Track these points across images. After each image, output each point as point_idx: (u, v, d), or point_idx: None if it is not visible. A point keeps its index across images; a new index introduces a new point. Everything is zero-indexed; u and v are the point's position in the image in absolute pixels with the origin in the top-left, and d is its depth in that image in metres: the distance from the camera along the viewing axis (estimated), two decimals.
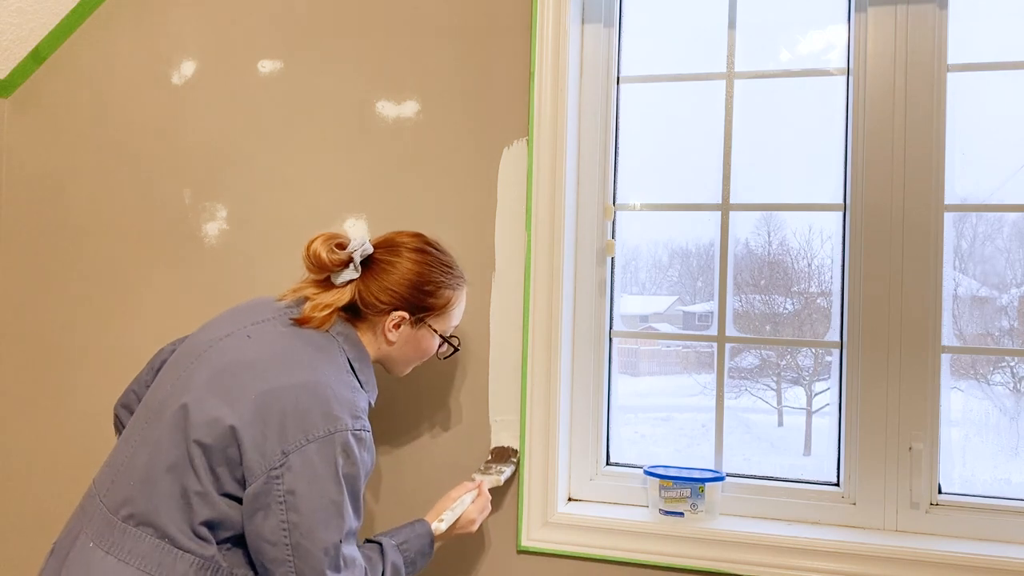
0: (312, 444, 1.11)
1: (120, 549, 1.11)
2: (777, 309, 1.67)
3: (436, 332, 1.36)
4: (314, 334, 1.24)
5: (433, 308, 1.33)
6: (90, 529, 1.15)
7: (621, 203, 1.70)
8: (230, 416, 1.12)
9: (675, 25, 1.71)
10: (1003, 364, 1.56)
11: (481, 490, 1.44)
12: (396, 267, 1.30)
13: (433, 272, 1.32)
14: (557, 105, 1.57)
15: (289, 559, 1.10)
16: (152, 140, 1.82)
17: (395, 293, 1.29)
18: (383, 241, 1.34)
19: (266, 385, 1.14)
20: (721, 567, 1.47)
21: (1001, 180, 1.53)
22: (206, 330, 1.28)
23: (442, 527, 1.36)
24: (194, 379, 1.17)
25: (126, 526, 1.12)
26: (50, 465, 1.85)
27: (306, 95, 1.72)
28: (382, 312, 1.29)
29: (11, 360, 1.90)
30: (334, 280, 1.28)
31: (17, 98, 1.92)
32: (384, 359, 1.35)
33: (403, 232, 1.36)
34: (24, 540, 1.87)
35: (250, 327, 1.24)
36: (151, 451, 1.14)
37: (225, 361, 1.18)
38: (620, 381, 1.71)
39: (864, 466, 1.52)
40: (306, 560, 1.10)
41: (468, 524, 1.40)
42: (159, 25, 1.82)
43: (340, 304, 1.27)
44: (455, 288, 1.35)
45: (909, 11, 1.52)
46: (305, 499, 1.10)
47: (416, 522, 1.35)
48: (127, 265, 1.82)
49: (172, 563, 1.10)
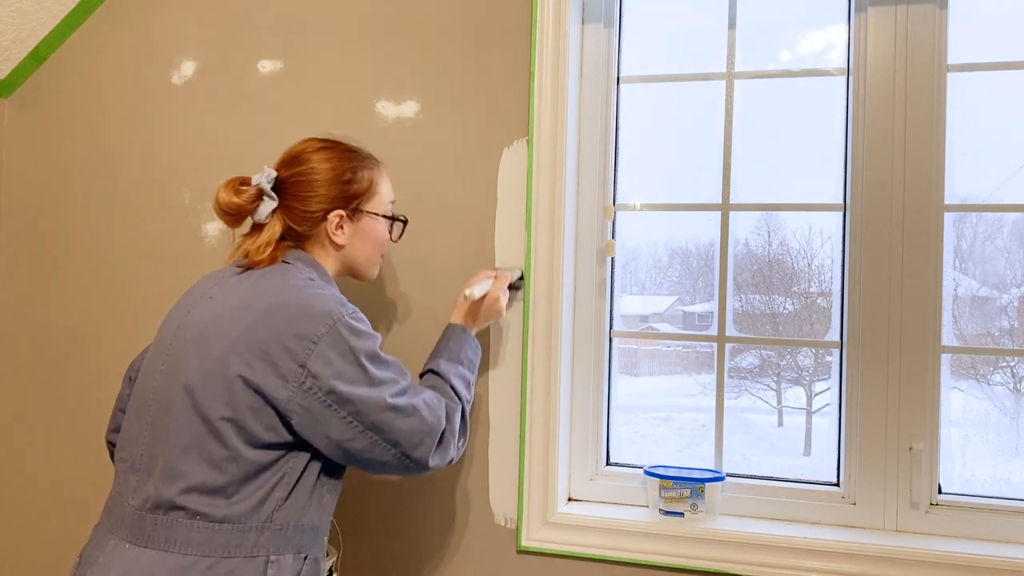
0: (320, 344, 1.13)
1: (156, 540, 1.11)
2: (777, 309, 1.67)
3: (378, 215, 1.34)
4: (268, 270, 1.23)
5: (360, 193, 1.31)
6: (121, 531, 1.15)
7: (621, 203, 1.70)
8: (233, 367, 1.12)
9: (675, 25, 1.71)
10: (1003, 364, 1.56)
11: (499, 276, 1.49)
12: (308, 173, 1.28)
13: (344, 161, 1.30)
14: (557, 105, 1.57)
15: (374, 438, 1.15)
16: (152, 140, 1.82)
17: (320, 196, 1.27)
18: (283, 160, 1.31)
19: (247, 323, 1.14)
20: (721, 567, 1.47)
21: (1001, 180, 1.53)
22: (168, 321, 1.27)
23: (476, 293, 1.41)
24: (181, 359, 1.17)
25: (156, 516, 1.12)
26: (49, 465, 1.85)
27: (306, 95, 1.72)
28: (318, 221, 1.28)
29: (11, 360, 1.90)
30: (258, 219, 1.27)
31: (17, 98, 1.92)
32: (347, 266, 1.34)
33: (295, 144, 1.33)
34: (24, 540, 1.87)
35: (208, 292, 1.25)
36: (167, 441, 1.14)
37: (200, 327, 1.18)
38: (620, 381, 1.71)
39: (864, 466, 1.52)
40: (387, 430, 1.15)
41: (494, 303, 1.46)
42: (159, 25, 1.82)
43: (276, 235, 1.26)
44: (371, 167, 1.34)
45: (909, 11, 1.52)
46: (345, 389, 1.13)
47: (445, 330, 1.41)
48: (127, 265, 1.82)
49: (211, 537, 1.11)
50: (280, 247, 1.27)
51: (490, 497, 1.60)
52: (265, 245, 1.25)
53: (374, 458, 1.17)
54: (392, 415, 1.16)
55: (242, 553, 1.12)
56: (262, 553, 1.13)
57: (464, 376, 1.35)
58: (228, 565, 1.10)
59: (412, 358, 1.64)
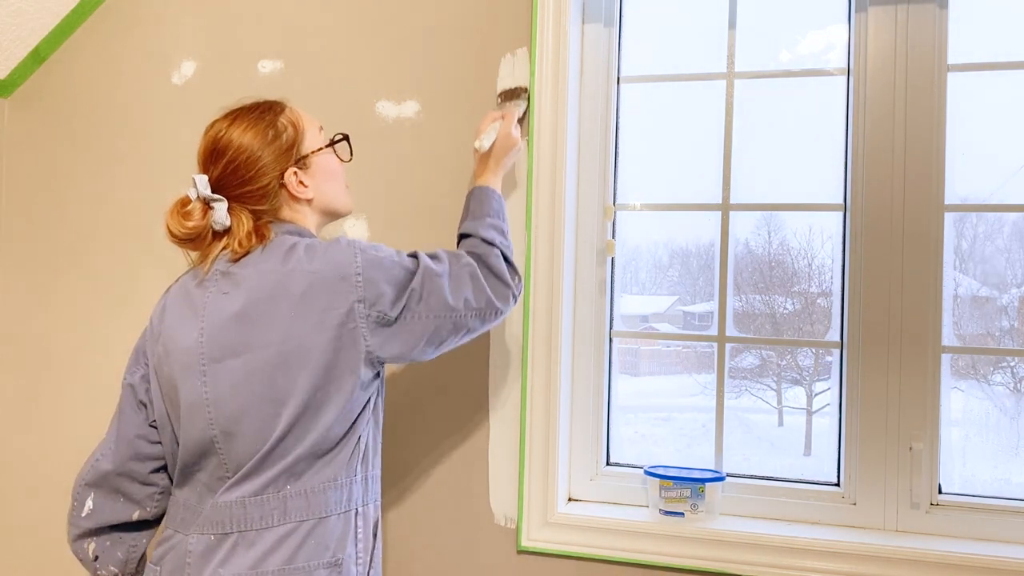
0: (362, 273, 1.19)
1: (253, 522, 1.16)
2: (777, 309, 1.67)
3: (320, 150, 1.30)
4: (264, 251, 1.21)
5: (294, 142, 1.27)
6: (207, 527, 1.18)
7: (621, 203, 1.70)
8: (306, 340, 1.16)
9: (675, 25, 1.71)
10: (1003, 364, 1.56)
11: (506, 116, 1.49)
12: (238, 155, 1.23)
13: (259, 123, 1.25)
14: (557, 105, 1.57)
15: (450, 317, 1.25)
16: (152, 140, 1.82)
17: (263, 167, 1.23)
18: (203, 159, 1.26)
19: (293, 291, 1.17)
20: (721, 567, 1.47)
21: (1001, 180, 1.53)
22: (175, 338, 1.23)
23: (486, 143, 1.43)
24: (224, 365, 1.18)
25: (263, 498, 1.17)
26: (49, 465, 1.85)
27: (306, 95, 1.72)
28: (276, 188, 1.25)
29: (10, 360, 1.90)
30: (220, 224, 1.22)
31: (17, 98, 1.92)
32: (322, 211, 1.32)
33: (202, 140, 1.27)
34: (24, 541, 1.87)
35: (210, 294, 1.21)
36: (248, 446, 1.18)
37: (234, 324, 1.18)
38: (620, 381, 1.71)
39: (864, 466, 1.52)
40: (448, 297, 1.24)
41: (507, 139, 1.46)
42: (159, 25, 1.82)
43: (250, 225, 1.22)
44: (283, 111, 1.29)
45: (909, 11, 1.52)
46: (399, 291, 1.21)
47: (467, 195, 1.43)
48: (127, 265, 1.82)
49: (307, 503, 1.18)
50: (262, 230, 1.24)
51: (490, 497, 1.60)
52: (247, 238, 1.22)
53: (456, 330, 1.27)
54: (440, 282, 1.24)
55: (339, 509, 1.20)
56: (352, 507, 1.22)
57: (493, 225, 1.37)
58: (327, 525, 1.19)
59: None
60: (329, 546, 1.18)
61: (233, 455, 1.18)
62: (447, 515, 1.62)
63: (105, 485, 1.29)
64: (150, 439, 1.30)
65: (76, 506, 1.29)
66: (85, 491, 1.29)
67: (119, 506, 1.29)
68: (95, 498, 1.28)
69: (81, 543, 1.29)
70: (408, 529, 1.64)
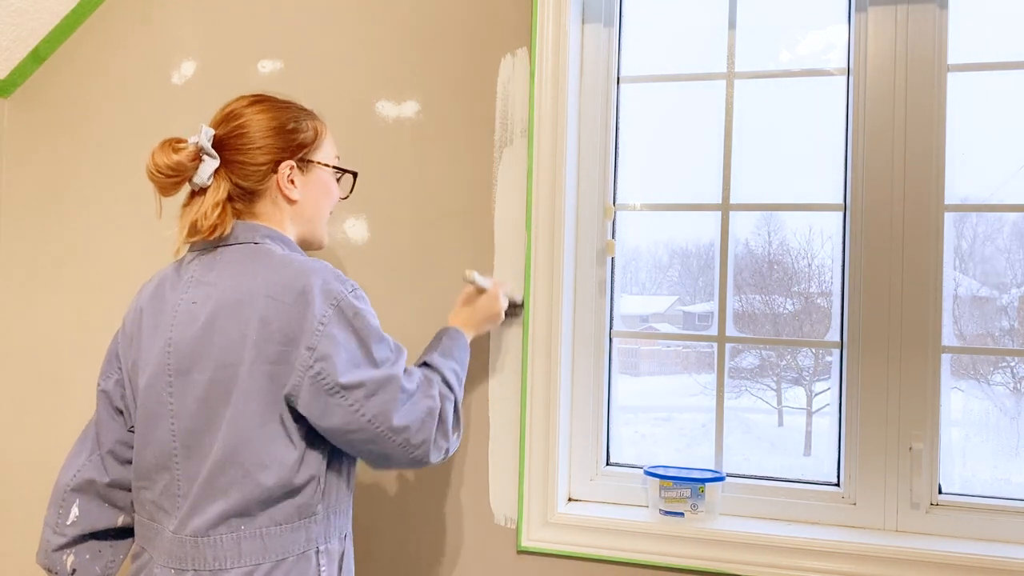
0: (328, 326, 1.10)
1: (203, 561, 1.10)
2: (777, 309, 1.67)
3: (328, 166, 1.27)
4: (235, 254, 1.16)
5: (308, 143, 1.23)
6: (165, 559, 1.12)
7: (621, 203, 1.70)
8: (253, 366, 1.09)
9: (675, 25, 1.71)
10: (1003, 364, 1.56)
11: (499, 284, 1.49)
12: (250, 126, 1.19)
13: (283, 112, 1.23)
14: (557, 105, 1.57)
15: (378, 428, 1.12)
16: (152, 140, 1.81)
17: (266, 147, 1.19)
18: (218, 119, 1.21)
19: (253, 317, 1.09)
20: (721, 567, 1.47)
21: (1001, 180, 1.53)
22: (146, 339, 1.18)
23: (479, 281, 1.44)
24: (190, 376, 1.12)
25: (199, 539, 1.10)
26: (48, 465, 1.85)
27: (306, 95, 1.72)
28: (267, 174, 1.19)
29: (10, 360, 1.90)
30: (199, 181, 1.16)
31: (17, 98, 1.92)
32: (302, 223, 1.26)
33: (228, 103, 1.23)
34: (24, 541, 1.87)
35: (183, 298, 1.16)
36: (206, 463, 1.11)
37: (199, 337, 1.12)
38: (620, 381, 1.71)
39: (864, 466, 1.52)
40: (389, 414, 1.12)
41: (493, 301, 1.45)
42: (159, 25, 1.82)
43: (223, 197, 1.16)
44: (313, 118, 1.27)
45: (909, 11, 1.52)
46: (352, 375, 1.10)
47: (439, 331, 1.39)
48: (127, 265, 1.82)
49: (263, 544, 1.11)
50: (228, 211, 1.17)
51: (490, 497, 1.60)
52: (212, 207, 1.15)
53: (376, 449, 1.14)
54: (398, 397, 1.13)
55: (296, 551, 1.13)
56: (311, 546, 1.14)
57: (456, 371, 1.30)
58: (284, 567, 1.12)
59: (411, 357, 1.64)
60: None
61: (187, 475, 1.13)
62: (447, 515, 1.62)
63: (91, 491, 1.24)
64: (129, 444, 1.25)
65: (60, 513, 1.23)
66: (71, 497, 1.23)
67: (104, 511, 1.25)
68: (81, 504, 1.23)
69: (60, 555, 1.23)
70: (408, 529, 1.64)
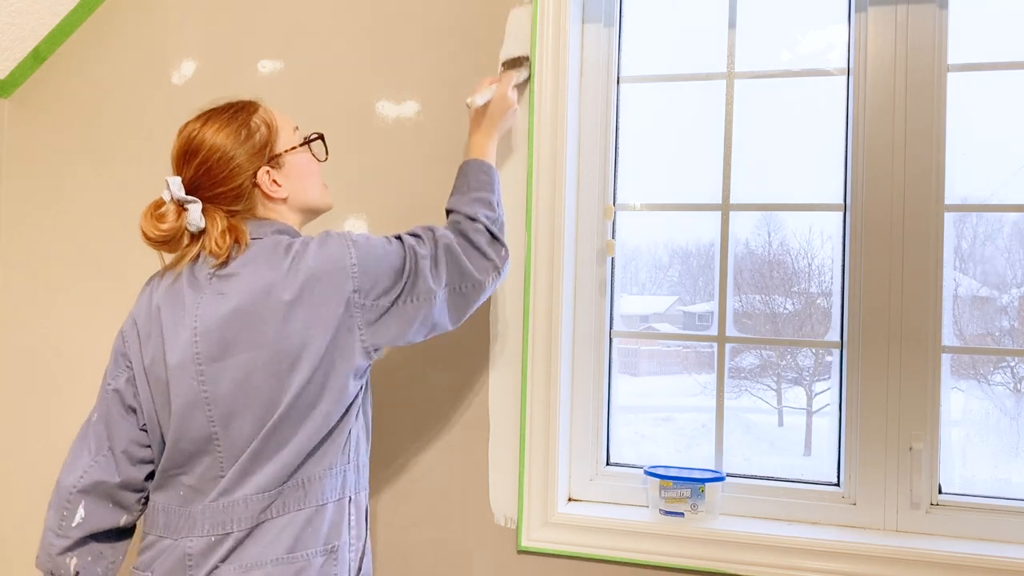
0: (357, 265, 1.21)
1: (268, 513, 1.19)
2: (777, 309, 1.67)
3: (293, 149, 1.29)
4: (257, 251, 1.22)
5: (267, 141, 1.26)
6: (200, 529, 1.18)
7: (621, 203, 1.70)
8: (304, 335, 1.18)
9: (675, 25, 1.71)
10: (1003, 364, 1.56)
11: (502, 79, 1.49)
12: (211, 156, 1.22)
13: (232, 122, 1.25)
14: (557, 105, 1.57)
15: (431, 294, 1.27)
16: (152, 140, 1.82)
17: (235, 167, 1.23)
18: (178, 159, 1.26)
19: (289, 288, 1.18)
20: (721, 567, 1.47)
21: (1001, 180, 1.53)
22: (167, 341, 1.21)
23: (478, 100, 1.43)
24: (224, 364, 1.18)
25: (263, 495, 1.18)
26: (49, 464, 1.85)
27: (306, 95, 1.72)
28: (250, 187, 1.24)
29: (10, 360, 1.90)
30: (195, 226, 1.21)
31: (17, 98, 1.92)
32: (299, 210, 1.31)
33: (175, 143, 1.27)
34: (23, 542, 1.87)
35: (204, 290, 1.21)
36: (246, 438, 1.18)
37: (229, 324, 1.18)
38: (620, 381, 1.71)
39: (864, 466, 1.52)
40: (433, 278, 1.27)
41: (503, 99, 1.46)
42: (159, 25, 1.82)
43: (224, 224, 1.22)
44: (257, 111, 1.28)
45: (909, 11, 1.52)
46: (390, 280, 1.24)
47: (459, 168, 1.42)
48: (127, 265, 1.82)
49: (304, 495, 1.20)
50: (235, 228, 1.23)
51: (490, 497, 1.60)
52: (220, 236, 1.20)
53: (449, 308, 1.30)
54: (428, 268, 1.26)
55: (334, 497, 1.23)
56: (345, 494, 1.25)
57: (478, 199, 1.37)
58: (324, 513, 1.21)
59: (411, 351, 1.64)
60: (325, 534, 1.20)
61: (230, 453, 1.19)
62: (447, 515, 1.62)
63: (98, 492, 1.24)
64: (142, 443, 1.27)
65: (66, 515, 1.23)
66: (77, 499, 1.23)
67: (109, 512, 1.25)
68: (87, 505, 1.24)
69: (63, 558, 1.23)
70: (408, 529, 1.64)
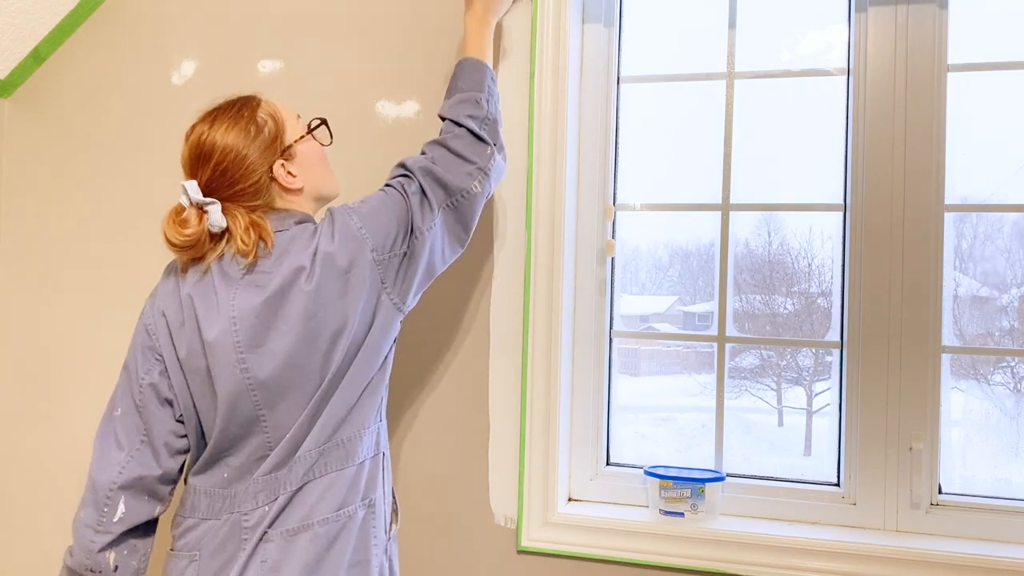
0: (364, 227, 1.26)
1: (312, 474, 1.23)
2: (777, 309, 1.67)
3: (301, 138, 1.32)
4: (289, 243, 1.25)
5: (276, 134, 1.29)
6: (251, 502, 1.23)
7: (621, 203, 1.70)
8: (340, 308, 1.23)
9: (675, 25, 1.71)
10: (1003, 364, 1.56)
11: None
12: (225, 157, 1.24)
13: (239, 120, 1.27)
14: (557, 105, 1.57)
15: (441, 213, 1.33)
16: (152, 140, 1.82)
17: (251, 164, 1.25)
18: (189, 165, 1.27)
19: (315, 269, 1.22)
20: (721, 567, 1.47)
21: (1001, 180, 1.53)
22: (197, 330, 1.24)
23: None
24: (265, 347, 1.22)
25: (307, 458, 1.23)
26: (48, 466, 1.85)
27: (306, 95, 1.72)
28: (267, 182, 1.27)
29: (11, 359, 1.90)
30: (217, 227, 1.23)
31: (17, 98, 1.92)
32: (314, 198, 1.35)
33: (184, 147, 1.29)
34: (23, 542, 1.87)
35: (239, 281, 1.24)
36: (294, 415, 1.23)
37: (263, 311, 1.22)
38: (620, 381, 1.71)
39: (864, 466, 1.52)
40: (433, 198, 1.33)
41: None
42: (159, 25, 1.82)
43: (247, 221, 1.24)
44: (260, 105, 1.30)
45: (909, 11, 1.52)
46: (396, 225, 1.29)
47: (455, 69, 1.45)
48: (127, 265, 1.82)
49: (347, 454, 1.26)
50: (258, 223, 1.25)
51: (490, 497, 1.60)
52: (244, 232, 1.23)
53: (457, 218, 1.35)
54: (421, 199, 1.31)
55: (370, 454, 1.29)
56: (379, 450, 1.32)
57: (463, 99, 1.40)
58: (365, 468, 1.28)
59: (411, 351, 1.64)
60: (363, 489, 1.27)
61: (277, 432, 1.23)
62: (447, 515, 1.62)
63: (139, 487, 1.24)
64: (179, 434, 1.29)
65: (106, 511, 1.22)
66: (117, 495, 1.23)
67: (146, 505, 1.26)
68: (127, 500, 1.24)
69: (104, 555, 1.22)
70: (408, 529, 1.64)
